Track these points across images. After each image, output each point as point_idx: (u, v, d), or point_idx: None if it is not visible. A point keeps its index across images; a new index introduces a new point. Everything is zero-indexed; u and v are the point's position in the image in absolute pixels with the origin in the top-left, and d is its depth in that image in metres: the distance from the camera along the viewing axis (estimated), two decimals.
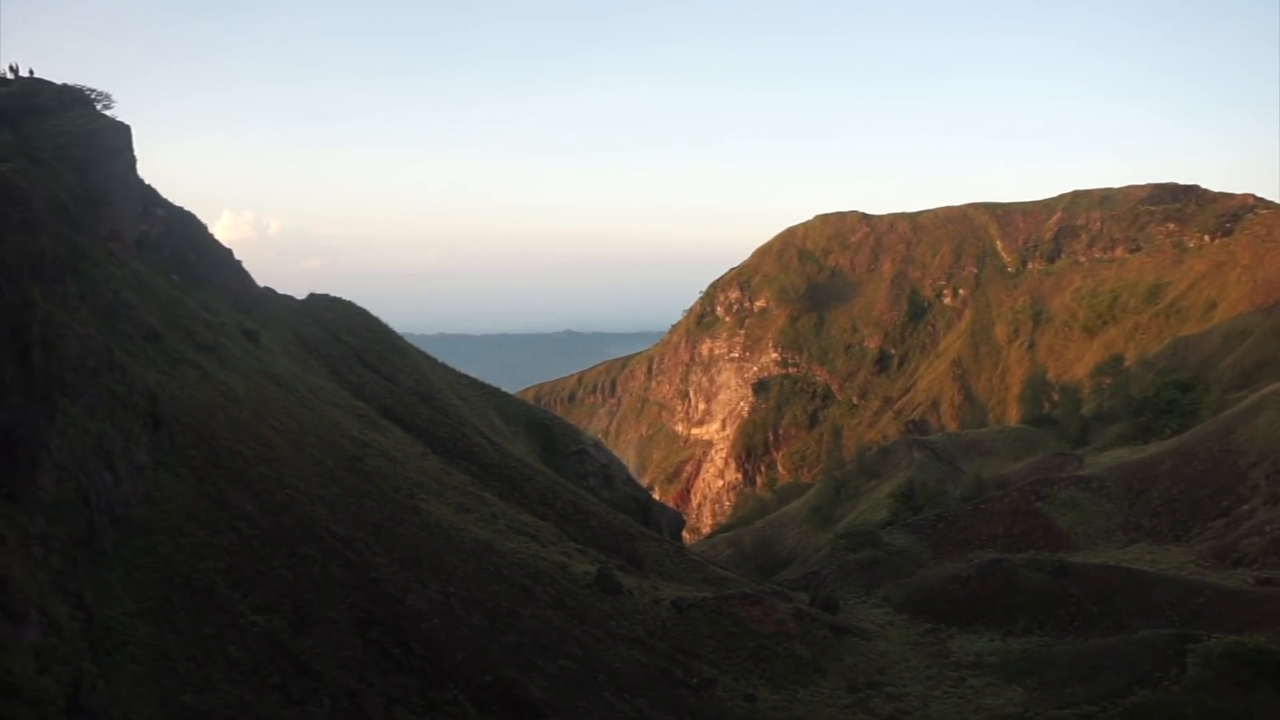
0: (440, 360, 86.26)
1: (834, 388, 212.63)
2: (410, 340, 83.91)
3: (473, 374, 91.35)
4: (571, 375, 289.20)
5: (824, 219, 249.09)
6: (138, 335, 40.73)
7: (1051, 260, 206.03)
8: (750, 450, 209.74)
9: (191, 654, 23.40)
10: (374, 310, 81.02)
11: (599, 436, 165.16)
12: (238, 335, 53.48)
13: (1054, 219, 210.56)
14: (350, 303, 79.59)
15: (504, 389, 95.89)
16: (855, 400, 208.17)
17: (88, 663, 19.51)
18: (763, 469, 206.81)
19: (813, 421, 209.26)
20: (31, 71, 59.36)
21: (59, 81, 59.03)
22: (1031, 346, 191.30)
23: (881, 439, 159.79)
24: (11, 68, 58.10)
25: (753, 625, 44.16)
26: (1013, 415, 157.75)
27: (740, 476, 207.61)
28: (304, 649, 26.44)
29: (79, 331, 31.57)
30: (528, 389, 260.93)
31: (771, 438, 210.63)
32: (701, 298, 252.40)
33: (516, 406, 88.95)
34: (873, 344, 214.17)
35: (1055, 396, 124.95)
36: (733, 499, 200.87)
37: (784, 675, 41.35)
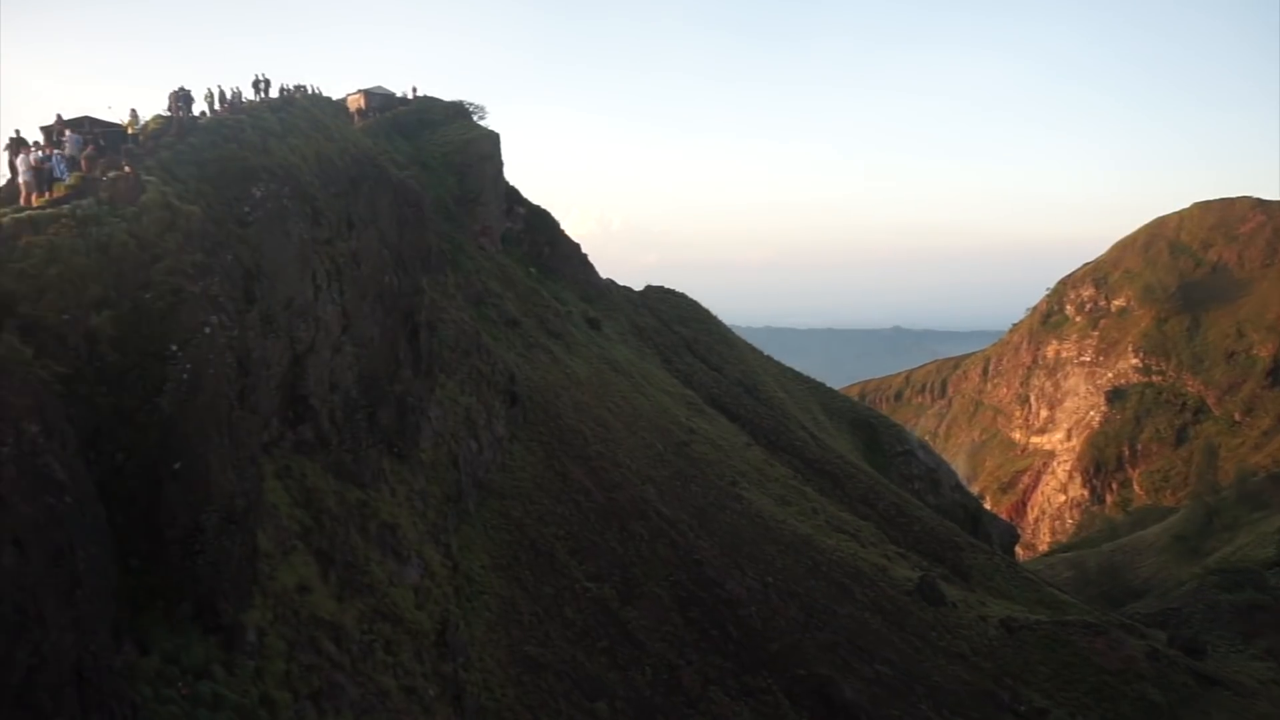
0: (765, 352, 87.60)
1: (1209, 401, 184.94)
2: (737, 332, 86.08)
3: (797, 368, 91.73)
4: (899, 373, 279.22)
5: (1204, 207, 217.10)
6: (500, 321, 45.99)
7: None
8: (1100, 465, 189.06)
9: (534, 610, 25.95)
10: (704, 302, 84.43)
11: (926, 438, 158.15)
12: (583, 323, 58.64)
13: None
14: (682, 294, 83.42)
15: (828, 384, 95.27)
16: (1237, 417, 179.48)
17: (453, 605, 22.35)
18: (1114, 487, 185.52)
19: (1180, 438, 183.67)
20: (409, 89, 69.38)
21: (446, 98, 69.25)
22: None
23: (1272, 464, 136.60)
24: (413, 89, 68.57)
25: (1095, 658, 40.00)
26: None
27: (1086, 493, 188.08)
28: (630, 619, 28.25)
29: (455, 316, 36.33)
30: (852, 385, 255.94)
31: (1127, 453, 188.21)
32: (1048, 295, 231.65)
33: (840, 402, 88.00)
34: (1265, 352, 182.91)
35: None
36: (1076, 517, 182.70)
37: None
